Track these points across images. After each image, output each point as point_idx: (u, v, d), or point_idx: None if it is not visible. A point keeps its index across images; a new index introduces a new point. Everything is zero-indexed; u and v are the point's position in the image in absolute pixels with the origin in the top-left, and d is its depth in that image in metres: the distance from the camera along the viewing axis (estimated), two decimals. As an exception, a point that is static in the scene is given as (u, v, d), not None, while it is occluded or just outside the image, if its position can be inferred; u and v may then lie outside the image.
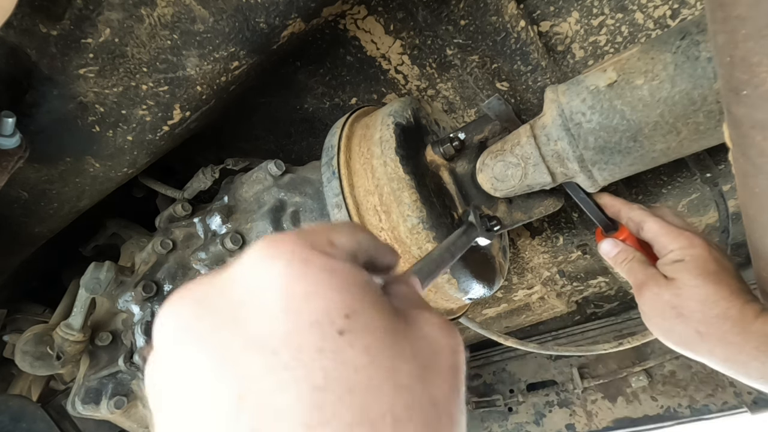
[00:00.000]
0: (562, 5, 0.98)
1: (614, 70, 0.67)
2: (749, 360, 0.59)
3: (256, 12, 0.78)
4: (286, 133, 1.32)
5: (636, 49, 0.67)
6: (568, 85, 0.73)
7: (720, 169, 1.05)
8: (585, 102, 0.68)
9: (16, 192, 0.97)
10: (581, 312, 1.76)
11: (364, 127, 0.88)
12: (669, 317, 0.66)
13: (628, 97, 0.66)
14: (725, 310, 0.61)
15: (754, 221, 0.55)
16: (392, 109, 0.86)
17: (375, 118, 0.88)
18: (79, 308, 1.07)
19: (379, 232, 0.80)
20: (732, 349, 0.60)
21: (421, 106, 0.92)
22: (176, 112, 0.90)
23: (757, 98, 0.41)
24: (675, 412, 1.57)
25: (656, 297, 0.67)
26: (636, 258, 0.73)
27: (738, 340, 0.60)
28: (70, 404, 1.07)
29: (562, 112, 0.70)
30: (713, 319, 0.62)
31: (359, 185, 0.82)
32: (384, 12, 1.03)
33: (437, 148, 0.84)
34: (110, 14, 0.75)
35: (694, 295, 0.63)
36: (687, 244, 0.67)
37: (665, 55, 0.64)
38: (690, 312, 0.63)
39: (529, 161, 0.73)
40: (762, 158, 0.45)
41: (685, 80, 0.62)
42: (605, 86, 0.67)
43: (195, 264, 0.93)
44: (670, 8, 0.96)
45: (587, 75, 0.71)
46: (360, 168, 0.82)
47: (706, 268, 0.64)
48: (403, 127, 0.82)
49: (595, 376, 1.69)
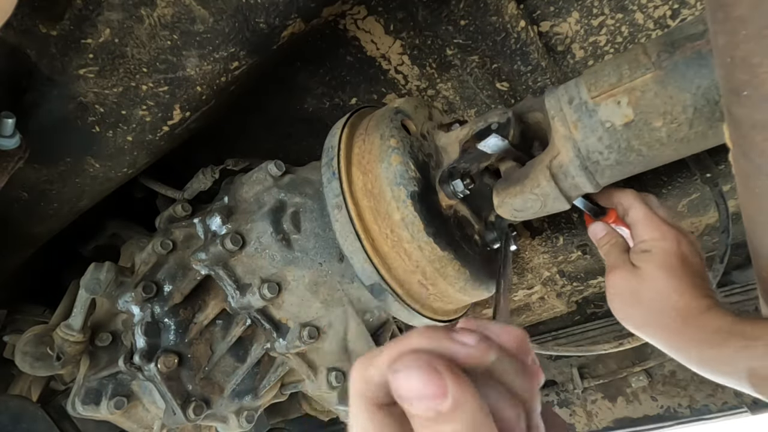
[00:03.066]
0: (562, 5, 0.98)
1: (630, 105, 0.65)
2: (689, 347, 0.66)
3: (256, 12, 0.78)
4: (286, 133, 1.32)
5: (651, 78, 0.64)
6: (579, 115, 0.69)
7: (720, 169, 1.05)
8: (602, 141, 0.68)
9: (16, 192, 0.97)
10: (581, 312, 1.76)
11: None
12: (628, 302, 0.72)
13: (646, 138, 0.67)
14: (676, 302, 0.67)
15: (754, 221, 0.55)
16: (397, 173, 0.79)
17: (379, 167, 0.81)
18: (79, 309, 1.07)
19: (427, 296, 0.86)
20: (675, 336, 0.67)
21: (412, 138, 0.85)
22: (176, 112, 0.90)
23: (758, 99, 0.41)
24: (675, 412, 1.57)
25: (621, 282, 0.73)
26: (617, 243, 0.77)
27: (681, 329, 0.66)
28: (70, 405, 1.07)
29: (578, 153, 0.70)
30: (665, 308, 0.68)
31: (391, 261, 0.83)
32: (384, 12, 1.02)
33: (448, 189, 0.82)
34: (110, 14, 0.75)
35: (653, 286, 0.69)
36: (659, 237, 0.71)
37: (685, 95, 0.62)
38: (646, 300, 0.70)
39: (549, 197, 0.75)
40: (762, 159, 0.45)
41: (703, 123, 0.63)
42: (622, 125, 0.66)
43: (195, 264, 0.93)
44: (670, 8, 0.96)
45: (598, 105, 0.67)
46: (389, 250, 0.82)
47: (670, 262, 0.69)
48: (419, 194, 0.79)
49: (595, 376, 1.69)
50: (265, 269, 0.90)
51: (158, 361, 0.91)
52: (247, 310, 0.91)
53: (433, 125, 0.91)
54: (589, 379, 1.69)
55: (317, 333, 0.90)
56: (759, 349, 0.58)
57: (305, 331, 0.89)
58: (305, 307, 0.91)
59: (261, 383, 1.01)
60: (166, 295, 0.98)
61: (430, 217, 0.78)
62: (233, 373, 0.99)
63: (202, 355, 0.97)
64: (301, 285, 0.89)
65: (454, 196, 0.82)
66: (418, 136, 0.86)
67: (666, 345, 0.69)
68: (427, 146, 0.87)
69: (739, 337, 0.60)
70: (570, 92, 0.71)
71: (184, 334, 0.96)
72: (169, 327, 0.96)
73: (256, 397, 1.00)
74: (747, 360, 0.59)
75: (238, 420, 0.99)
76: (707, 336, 0.63)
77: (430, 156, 0.86)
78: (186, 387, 0.94)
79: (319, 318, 0.92)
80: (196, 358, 0.96)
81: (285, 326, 0.91)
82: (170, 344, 0.95)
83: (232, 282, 0.90)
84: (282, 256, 0.89)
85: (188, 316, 0.98)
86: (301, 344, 0.88)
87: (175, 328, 0.96)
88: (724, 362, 0.62)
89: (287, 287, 0.90)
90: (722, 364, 0.62)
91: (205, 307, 0.99)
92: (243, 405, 1.00)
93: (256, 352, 0.98)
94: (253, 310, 0.90)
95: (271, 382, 1.00)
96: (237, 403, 0.99)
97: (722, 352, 0.61)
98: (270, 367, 1.01)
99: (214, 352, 0.98)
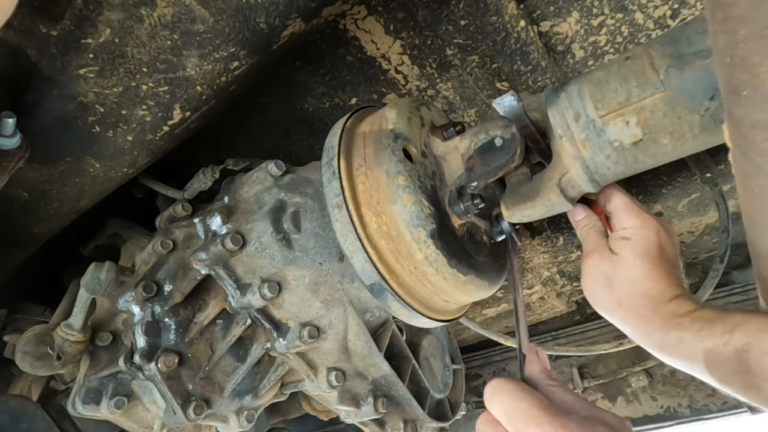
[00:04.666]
0: (562, 5, 0.98)
1: (638, 125, 0.66)
2: (653, 331, 0.70)
3: (256, 12, 0.78)
4: (286, 133, 1.32)
5: (660, 99, 0.64)
6: (587, 135, 0.69)
7: (720, 169, 1.05)
8: (610, 158, 0.69)
9: (16, 192, 0.97)
10: (581, 312, 1.76)
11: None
12: (600, 285, 0.76)
13: (652, 152, 0.68)
14: (647, 289, 0.71)
15: (754, 221, 0.55)
16: (413, 214, 0.77)
17: (392, 208, 0.79)
18: (79, 308, 1.07)
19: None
20: (641, 320, 0.71)
21: (417, 166, 0.82)
22: (176, 112, 0.90)
23: (758, 98, 0.41)
24: (675, 412, 1.57)
25: (596, 266, 0.76)
26: (595, 227, 0.80)
27: (648, 314, 0.70)
28: (71, 404, 1.07)
29: (587, 169, 0.71)
30: (635, 294, 0.72)
31: (415, 291, 0.84)
32: (384, 12, 1.02)
33: (459, 209, 0.82)
34: (110, 14, 0.75)
35: (628, 272, 0.72)
36: (639, 225, 0.74)
37: (693, 116, 0.63)
38: (620, 285, 0.73)
39: (555, 204, 0.77)
40: (762, 158, 0.45)
41: (708, 139, 0.65)
42: (630, 144, 0.67)
43: (195, 264, 0.93)
44: (670, 8, 0.96)
45: (607, 124, 0.67)
46: (414, 283, 0.83)
47: (648, 250, 0.72)
48: (437, 231, 0.78)
49: (595, 376, 1.69)
50: (266, 269, 0.90)
51: (158, 360, 0.91)
52: (248, 309, 0.91)
53: (427, 132, 0.88)
54: (589, 379, 1.69)
55: (317, 333, 0.90)
56: (715, 330, 0.62)
57: (305, 331, 0.89)
58: (305, 307, 0.91)
59: (261, 383, 1.01)
60: (167, 294, 0.98)
61: (450, 250, 0.79)
62: (233, 373, 0.99)
63: (202, 354, 0.97)
64: (302, 285, 0.89)
65: (465, 216, 0.83)
66: (420, 159, 0.83)
67: (632, 329, 0.73)
68: (429, 165, 0.84)
69: (699, 321, 0.64)
70: (575, 106, 0.70)
71: (185, 334, 0.96)
72: (170, 326, 0.96)
73: (256, 397, 1.00)
74: (704, 341, 0.63)
75: (239, 419, 0.99)
76: (672, 321, 0.67)
77: (434, 175, 0.84)
78: (186, 386, 0.94)
79: (319, 318, 0.92)
80: (197, 357, 0.96)
81: (285, 326, 0.91)
82: (170, 344, 0.95)
83: (232, 282, 0.90)
84: (282, 255, 0.89)
85: (188, 315, 0.98)
86: (301, 344, 0.88)
87: (175, 327, 0.96)
88: (685, 344, 0.65)
89: (287, 287, 0.90)
90: (682, 348, 0.66)
91: (206, 306, 0.99)
92: (243, 405, 1.00)
93: (256, 352, 0.98)
94: (254, 310, 0.90)
95: (271, 382, 1.00)
96: (237, 402, 1.00)
97: (682, 336, 0.65)
98: (270, 367, 1.01)
99: (214, 352, 0.98)
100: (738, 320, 0.60)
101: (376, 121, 0.86)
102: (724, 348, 0.60)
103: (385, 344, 1.00)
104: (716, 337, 0.61)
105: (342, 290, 0.91)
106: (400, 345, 1.11)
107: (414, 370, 1.14)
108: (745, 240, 0.61)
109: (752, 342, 0.57)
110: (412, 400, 1.03)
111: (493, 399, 0.59)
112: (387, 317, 1.00)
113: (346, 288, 0.91)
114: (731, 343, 0.59)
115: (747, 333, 0.58)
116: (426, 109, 0.91)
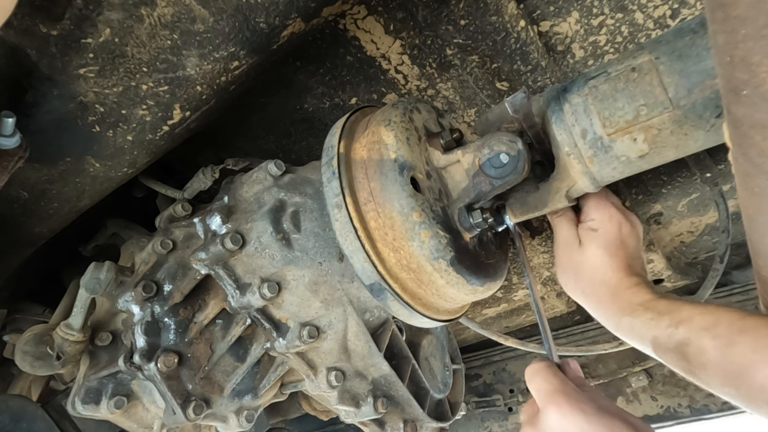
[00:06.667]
0: (562, 5, 0.98)
1: (645, 141, 0.67)
2: (610, 315, 0.79)
3: (256, 12, 0.78)
4: (286, 133, 1.32)
5: (668, 117, 0.64)
6: (594, 151, 0.70)
7: (720, 169, 1.05)
8: (616, 170, 0.73)
9: (16, 192, 0.97)
10: (581, 312, 1.76)
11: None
12: (569, 272, 0.85)
13: (655, 162, 0.71)
14: (608, 278, 0.79)
15: (754, 221, 0.55)
16: (432, 248, 0.76)
17: (410, 245, 0.77)
18: (79, 308, 1.07)
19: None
20: (603, 305, 0.80)
21: (427, 196, 0.80)
22: (176, 112, 0.90)
23: (757, 98, 0.41)
24: (675, 412, 1.57)
25: (567, 253, 0.85)
26: (567, 216, 0.86)
27: (606, 300, 0.79)
28: (70, 404, 1.07)
29: (594, 180, 0.75)
30: (596, 282, 0.81)
31: (437, 308, 0.88)
32: (384, 12, 1.02)
33: (468, 224, 0.82)
34: (110, 14, 0.75)
35: (592, 262, 0.81)
36: (606, 218, 0.82)
37: (699, 132, 0.65)
38: (585, 273, 0.82)
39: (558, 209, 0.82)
40: (762, 158, 0.45)
41: (710, 142, 0.67)
42: (636, 158, 0.70)
43: (195, 264, 0.93)
44: (670, 8, 0.96)
45: (614, 141, 0.68)
46: (437, 300, 0.85)
47: (611, 242, 0.81)
48: (456, 257, 0.78)
49: (595, 376, 1.69)
50: (265, 269, 0.90)
51: (158, 360, 0.91)
52: (247, 309, 0.91)
53: (425, 145, 0.85)
54: (589, 379, 1.69)
55: (317, 332, 0.90)
56: (663, 322, 0.69)
57: (305, 331, 0.89)
58: (305, 307, 0.91)
59: (261, 383, 1.01)
60: (166, 294, 0.98)
61: (470, 270, 0.81)
62: (233, 373, 0.99)
63: (202, 354, 0.97)
64: (301, 284, 0.89)
65: (474, 230, 0.83)
66: (426, 183, 0.81)
67: (596, 312, 0.82)
68: (435, 184, 0.82)
69: (651, 311, 0.72)
70: (581, 123, 0.70)
71: (184, 334, 0.96)
72: (169, 326, 0.96)
73: (256, 397, 1.00)
74: (651, 330, 0.71)
75: (238, 419, 0.99)
76: (628, 308, 0.75)
77: (440, 193, 0.83)
78: (186, 386, 0.94)
79: (319, 317, 0.92)
80: (196, 357, 0.96)
81: (285, 326, 0.91)
82: (170, 344, 0.95)
83: (232, 281, 0.90)
84: (282, 255, 0.89)
85: (188, 315, 0.98)
86: (301, 344, 0.88)
87: (175, 327, 0.96)
88: (636, 330, 0.74)
89: (287, 287, 0.90)
90: (634, 332, 0.75)
91: (205, 306, 0.99)
92: (243, 404, 1.00)
93: (256, 352, 0.98)
94: (253, 310, 0.90)
95: (271, 382, 1.00)
96: (237, 402, 1.00)
97: (635, 322, 0.74)
98: (270, 367, 1.01)
99: (214, 352, 0.98)
100: (686, 316, 0.67)
101: (375, 148, 0.81)
102: (668, 339, 0.68)
103: (385, 344, 1.00)
104: (662, 329, 0.69)
105: (342, 290, 0.91)
106: (399, 345, 1.11)
107: (414, 370, 1.14)
108: (745, 240, 0.61)
109: (692, 338, 0.65)
110: (412, 400, 1.03)
111: (532, 379, 0.72)
112: (387, 317, 1.00)
113: (346, 288, 0.91)
114: (674, 336, 0.67)
115: (689, 329, 0.66)
116: (417, 114, 0.86)
